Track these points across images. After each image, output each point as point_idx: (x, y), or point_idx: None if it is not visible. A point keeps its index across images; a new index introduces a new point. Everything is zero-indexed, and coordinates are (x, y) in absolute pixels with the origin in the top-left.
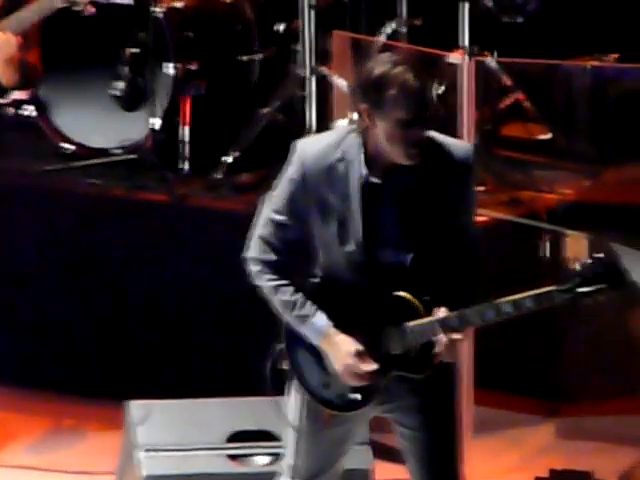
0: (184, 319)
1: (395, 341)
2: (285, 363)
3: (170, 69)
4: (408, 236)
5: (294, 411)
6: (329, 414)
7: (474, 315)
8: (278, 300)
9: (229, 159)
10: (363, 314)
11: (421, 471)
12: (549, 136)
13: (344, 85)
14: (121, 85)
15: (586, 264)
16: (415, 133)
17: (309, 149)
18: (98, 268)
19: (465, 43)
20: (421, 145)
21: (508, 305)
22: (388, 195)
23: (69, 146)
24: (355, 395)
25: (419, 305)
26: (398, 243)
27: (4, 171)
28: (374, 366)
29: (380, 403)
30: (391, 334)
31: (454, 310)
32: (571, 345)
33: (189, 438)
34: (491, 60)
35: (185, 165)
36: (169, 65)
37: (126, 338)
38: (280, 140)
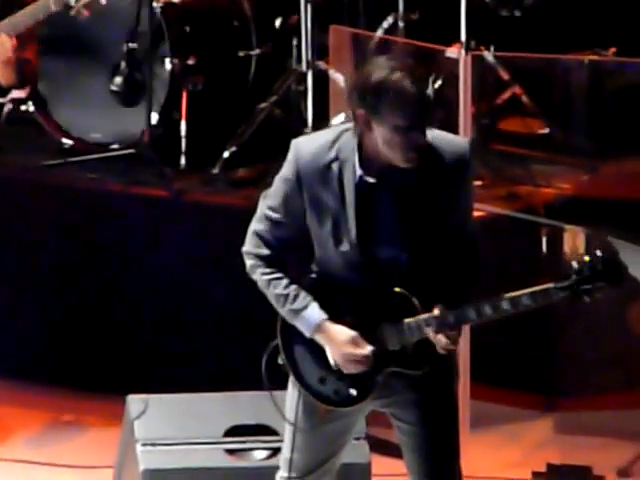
0: (182, 314)
1: (392, 337)
2: (281, 358)
3: (168, 64)
4: (405, 234)
5: (291, 406)
6: (325, 409)
7: (471, 312)
8: (272, 293)
9: (227, 154)
10: (360, 310)
11: (419, 466)
12: (547, 130)
13: (342, 80)
14: (119, 80)
15: (584, 262)
16: (413, 138)
17: (304, 148)
18: (96, 262)
19: (462, 37)
20: (420, 149)
21: (506, 303)
22: (384, 194)
23: (68, 141)
24: (352, 391)
25: (416, 302)
26: (395, 241)
27: (3, 166)
28: (370, 348)
29: (377, 398)
30: (388, 330)
31: (451, 307)
32: (569, 340)
33: (187, 432)
34: (489, 54)
35: (183, 160)
36: (167, 60)
37: (125, 332)
38: (278, 135)
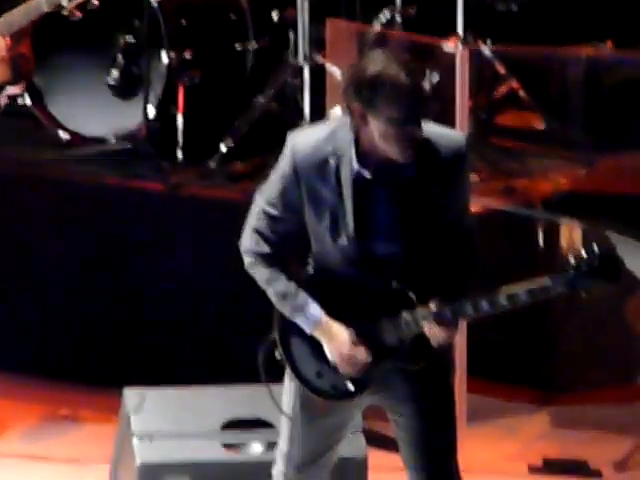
0: (179, 307)
1: (389, 332)
2: (278, 352)
3: (164, 57)
4: (402, 228)
5: (288, 400)
6: (323, 403)
7: (468, 307)
8: (272, 291)
9: (224, 148)
10: (357, 305)
11: (415, 460)
12: (544, 125)
13: (338, 73)
14: (116, 73)
15: (581, 257)
16: (409, 131)
17: (301, 143)
18: (93, 256)
19: (459, 31)
20: (416, 142)
21: (503, 298)
22: (380, 188)
23: (64, 135)
24: (349, 385)
25: (413, 296)
26: (392, 235)
27: None
28: (369, 357)
29: (375, 392)
30: (385, 325)
31: (448, 301)
32: (566, 334)
33: (184, 426)
34: (485, 48)
35: (180, 154)
36: (163, 53)
37: (121, 326)
38: (275, 129)
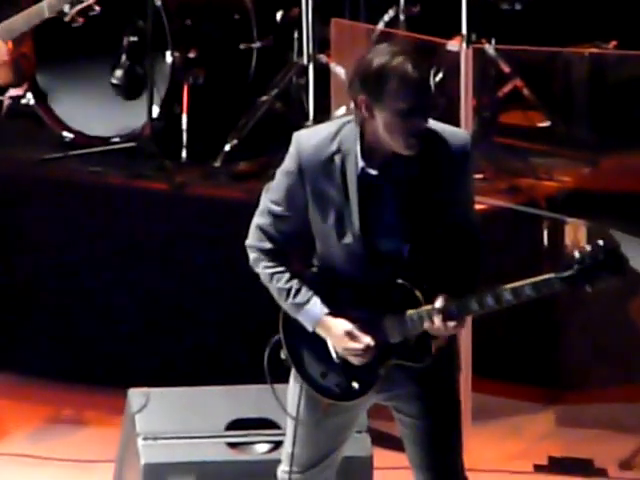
0: (183, 307)
1: (394, 330)
2: (284, 352)
3: (169, 57)
4: (407, 225)
5: (293, 400)
6: (328, 403)
7: (474, 303)
8: (275, 287)
9: (228, 147)
10: (362, 303)
11: (421, 459)
12: (548, 123)
13: (343, 73)
14: (120, 73)
15: (586, 251)
16: (415, 123)
17: (306, 141)
18: (96, 256)
19: (463, 30)
20: (420, 135)
21: (508, 293)
22: (386, 186)
23: (68, 134)
24: (354, 384)
25: (418, 294)
26: (397, 233)
27: (3, 160)
28: (368, 339)
29: (380, 391)
30: (390, 323)
31: (453, 298)
32: (571, 332)
33: (188, 426)
34: (490, 47)
35: (184, 153)
36: (168, 53)
37: (126, 325)
38: (279, 128)
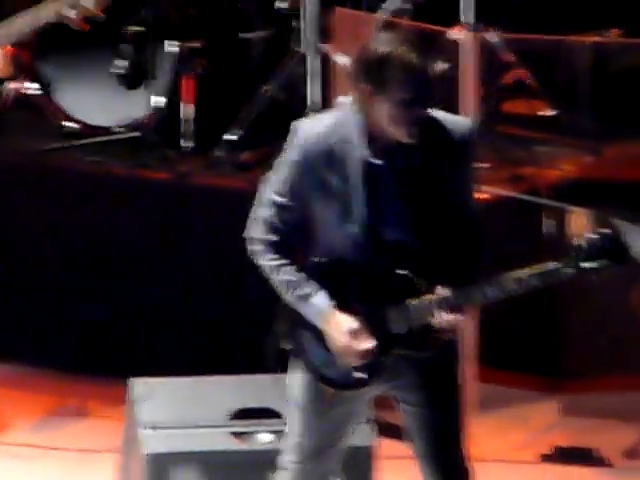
0: (186, 296)
1: (397, 319)
2: (287, 342)
3: (172, 47)
4: (410, 214)
5: (297, 390)
6: (332, 393)
7: (477, 293)
8: (279, 280)
9: (230, 137)
10: (365, 293)
11: (425, 448)
12: (551, 112)
13: (345, 62)
14: (123, 63)
15: (589, 239)
16: (417, 112)
17: (308, 131)
18: (99, 246)
19: (467, 19)
20: (422, 124)
21: (511, 282)
22: (389, 174)
23: (71, 124)
24: (358, 374)
25: (421, 283)
26: (400, 222)
27: (5, 149)
28: (371, 344)
29: (383, 381)
30: (393, 312)
31: (457, 288)
32: (575, 322)
33: (192, 416)
34: (493, 36)
35: (187, 143)
36: (171, 43)
37: (129, 316)
38: (281, 118)
